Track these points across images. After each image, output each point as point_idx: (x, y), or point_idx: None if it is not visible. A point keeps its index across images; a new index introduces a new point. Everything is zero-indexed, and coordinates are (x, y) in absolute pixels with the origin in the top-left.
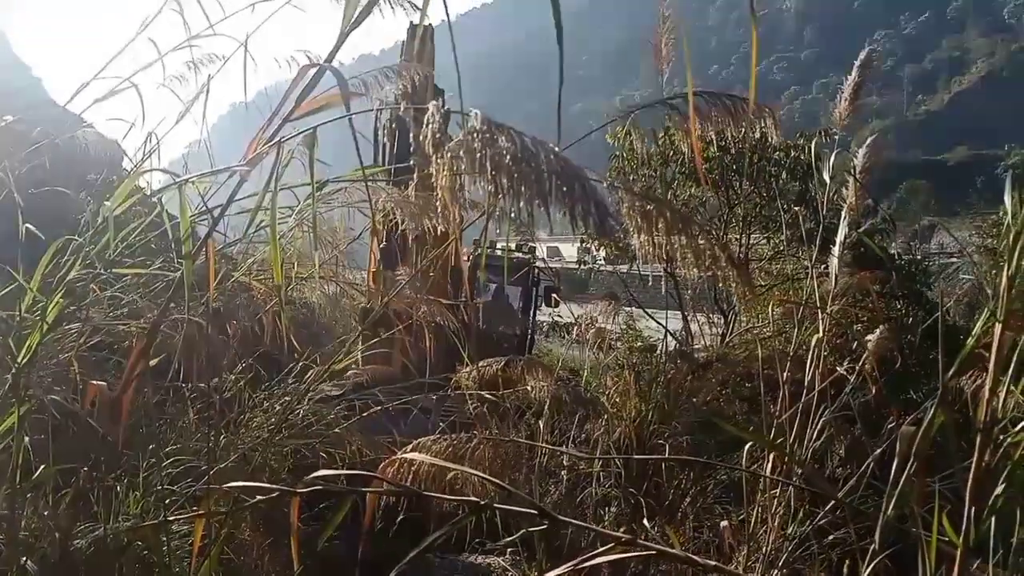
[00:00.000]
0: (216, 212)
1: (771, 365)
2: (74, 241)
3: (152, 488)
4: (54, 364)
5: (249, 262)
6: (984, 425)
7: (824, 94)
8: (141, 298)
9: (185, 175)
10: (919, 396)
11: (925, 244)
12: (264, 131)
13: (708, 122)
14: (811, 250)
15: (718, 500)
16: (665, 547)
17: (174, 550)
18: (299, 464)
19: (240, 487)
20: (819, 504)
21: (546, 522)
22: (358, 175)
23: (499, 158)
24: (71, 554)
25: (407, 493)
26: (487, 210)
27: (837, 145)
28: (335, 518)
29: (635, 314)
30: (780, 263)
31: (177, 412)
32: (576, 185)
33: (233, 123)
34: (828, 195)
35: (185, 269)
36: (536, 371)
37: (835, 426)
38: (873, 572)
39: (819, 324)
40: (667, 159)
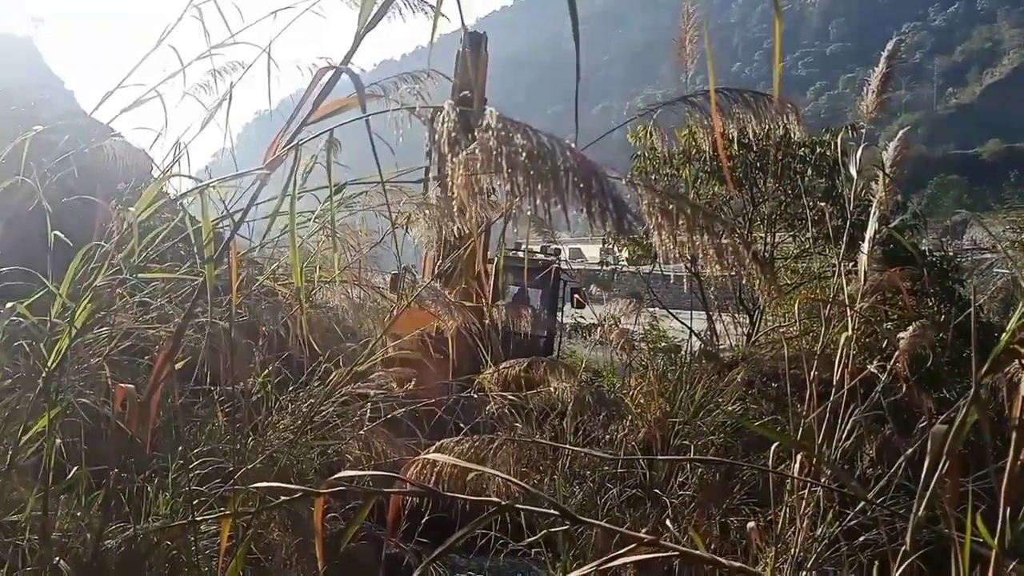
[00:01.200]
0: (237, 217)
1: (798, 364)
2: (101, 247)
3: (181, 489)
4: (85, 369)
5: (274, 267)
6: (1020, 422)
7: (850, 89)
8: (169, 303)
9: (208, 180)
10: (952, 395)
11: (957, 240)
12: (283, 135)
13: (730, 119)
14: (839, 247)
15: (745, 502)
16: (688, 548)
17: (202, 550)
18: (325, 465)
19: (266, 487)
20: (849, 505)
21: (567, 523)
22: (376, 178)
23: (515, 156)
24: (102, 554)
25: (429, 494)
26: (505, 211)
27: (864, 140)
28: (358, 517)
29: (658, 314)
30: (806, 261)
31: (206, 415)
32: (593, 182)
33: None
34: (856, 191)
35: (207, 273)
36: (559, 372)
37: (865, 426)
38: (904, 574)
39: (848, 322)
40: (690, 157)
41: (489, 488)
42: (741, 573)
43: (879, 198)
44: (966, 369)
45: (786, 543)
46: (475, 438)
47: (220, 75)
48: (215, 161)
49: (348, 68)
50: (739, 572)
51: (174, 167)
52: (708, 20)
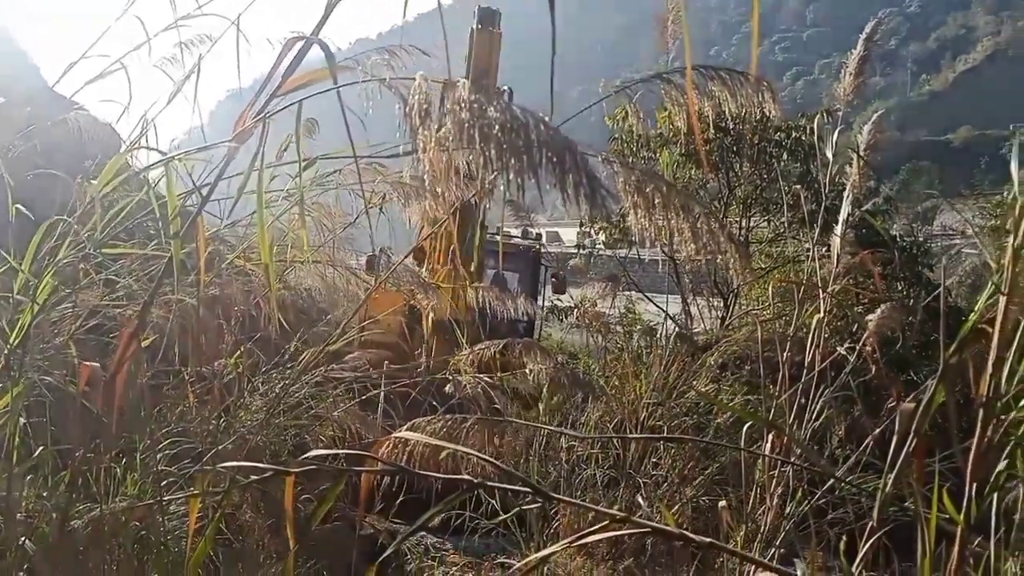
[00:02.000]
0: (205, 192)
1: (771, 347)
2: (64, 222)
3: (149, 469)
4: (50, 347)
5: (244, 245)
6: (986, 400)
7: (826, 75)
8: (136, 281)
9: (173, 153)
10: (919, 377)
11: (927, 225)
12: (251, 107)
13: (706, 97)
14: (813, 230)
15: (717, 481)
16: (659, 524)
17: (171, 530)
18: (297, 446)
19: (235, 467)
20: (818, 484)
21: (540, 500)
22: (349, 153)
23: (487, 129)
24: (69, 534)
25: (401, 472)
26: (480, 190)
27: (839, 124)
28: (329, 496)
29: (634, 298)
30: (781, 245)
31: (176, 395)
32: (567, 156)
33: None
34: (830, 174)
35: (174, 249)
36: (534, 354)
37: (834, 407)
38: (871, 550)
39: (820, 305)
40: (667, 141)
41: (463, 468)
42: (711, 548)
43: (853, 182)
44: (934, 352)
45: (756, 521)
46: (448, 418)
47: (188, 48)
48: (186, 138)
49: (319, 39)
50: (708, 547)
51: (141, 140)
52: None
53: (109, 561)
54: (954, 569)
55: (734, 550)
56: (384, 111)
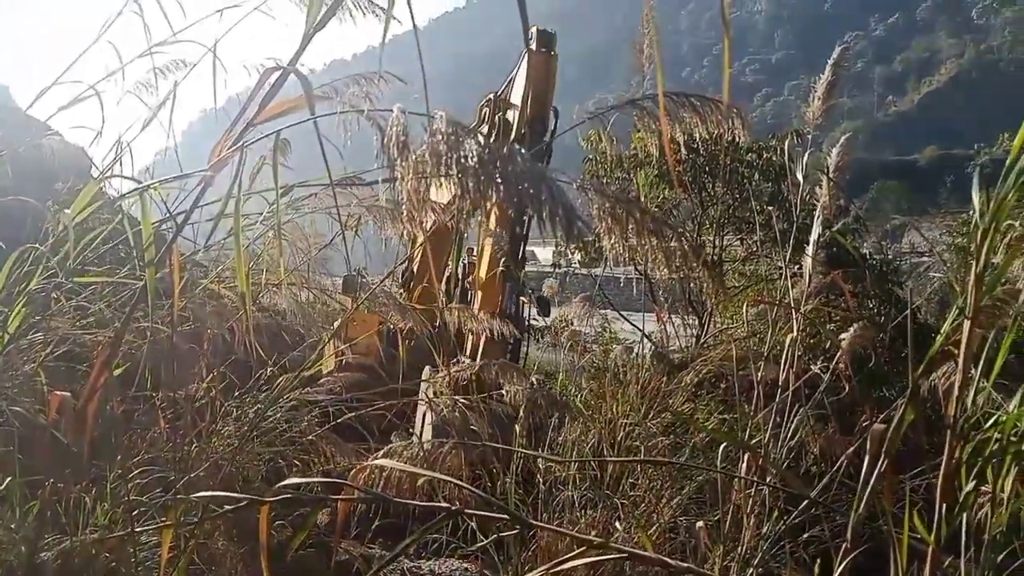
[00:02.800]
0: (180, 219)
1: (745, 366)
2: (35, 250)
3: (120, 499)
4: (19, 376)
5: (218, 269)
6: (954, 421)
7: (795, 96)
8: (108, 307)
9: (149, 181)
10: (891, 394)
11: (896, 244)
12: (228, 135)
13: (677, 123)
14: (784, 250)
15: (693, 501)
16: (637, 550)
17: (143, 561)
18: (272, 472)
19: (209, 496)
20: (794, 503)
21: (518, 527)
22: (325, 180)
23: (464, 160)
24: (38, 566)
25: (377, 500)
26: (455, 215)
27: (809, 146)
28: (306, 524)
29: (610, 316)
30: (754, 264)
31: (147, 422)
32: (543, 188)
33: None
34: (801, 195)
35: (148, 276)
36: (511, 375)
37: (809, 425)
38: (845, 570)
39: (793, 324)
40: (640, 162)
41: (440, 492)
42: (689, 573)
43: (823, 202)
44: (905, 368)
45: (733, 541)
46: (425, 442)
47: (163, 73)
48: (158, 160)
49: (296, 68)
50: (687, 572)
51: (115, 167)
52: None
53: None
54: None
55: (706, 573)
56: (360, 134)
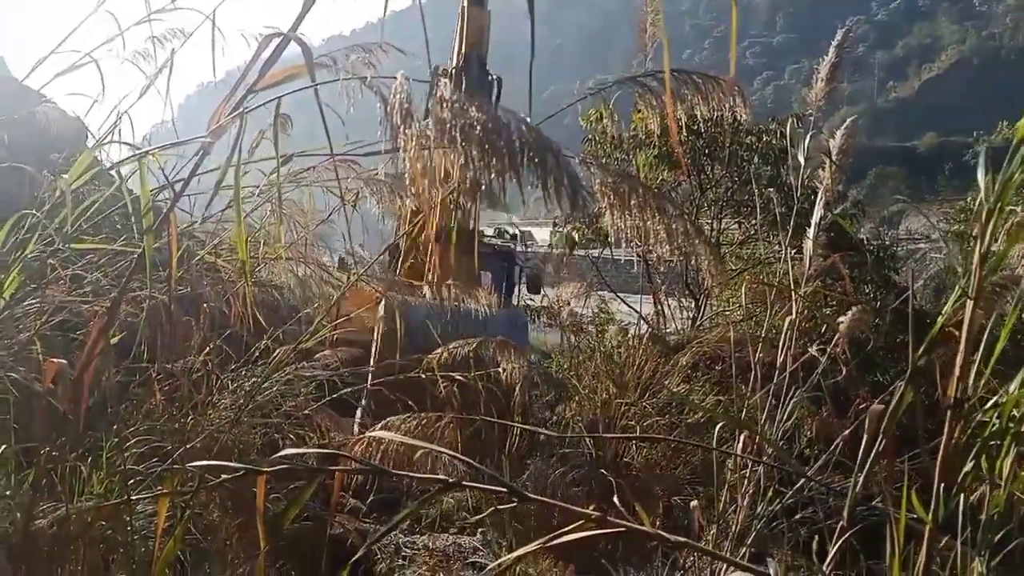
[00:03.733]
0: (178, 187)
1: (741, 348)
2: (31, 216)
3: (116, 468)
4: (14, 344)
5: (216, 242)
6: (954, 402)
7: (796, 79)
8: (104, 277)
9: (147, 148)
10: (886, 379)
11: (893, 230)
12: (227, 102)
13: (680, 101)
14: (784, 233)
15: (688, 481)
16: (635, 524)
17: (139, 530)
18: (268, 444)
19: (205, 466)
20: (788, 484)
21: (515, 500)
22: (325, 150)
23: (469, 129)
24: (33, 533)
25: (374, 472)
26: (458, 187)
27: (811, 129)
28: (301, 496)
29: (607, 298)
30: (751, 247)
31: (143, 393)
32: (549, 157)
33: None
34: (802, 178)
35: (146, 244)
36: (508, 353)
37: (805, 407)
38: (841, 549)
39: (791, 306)
40: (640, 143)
41: (437, 467)
42: (685, 547)
43: (825, 185)
44: (900, 354)
45: (727, 521)
46: (422, 416)
47: (160, 42)
48: (154, 132)
49: (297, 35)
50: (683, 547)
51: (112, 135)
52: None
53: (75, 561)
54: (922, 568)
55: (709, 550)
56: (360, 106)
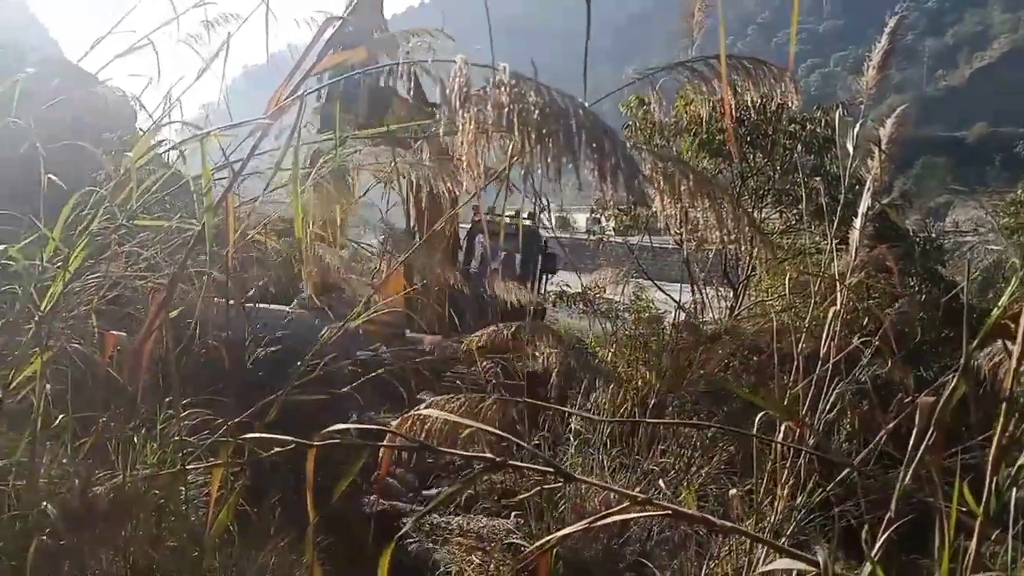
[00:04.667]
0: (236, 167)
1: (781, 338)
2: (96, 193)
3: (169, 439)
4: (72, 317)
5: (264, 221)
6: (1010, 395)
7: (842, 67)
8: (158, 254)
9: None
10: (929, 374)
11: (939, 222)
12: (286, 85)
13: (730, 87)
14: (830, 223)
15: (723, 472)
16: (680, 508)
17: (191, 499)
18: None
19: (256, 439)
20: (827, 477)
21: (560, 480)
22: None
23: (527, 113)
24: (90, 500)
25: (420, 449)
26: (507, 169)
27: (860, 117)
28: (351, 469)
29: (644, 285)
30: (792, 237)
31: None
32: (605, 141)
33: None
34: (850, 167)
35: (207, 221)
36: (546, 337)
37: (847, 400)
38: (885, 542)
39: (836, 297)
40: (680, 129)
41: (478, 447)
42: (733, 532)
43: (874, 175)
44: (945, 348)
45: (762, 512)
46: (465, 396)
47: (212, 26)
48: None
49: (355, 19)
50: (731, 531)
51: (168, 115)
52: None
53: (129, 528)
54: (972, 562)
55: (757, 536)
56: None
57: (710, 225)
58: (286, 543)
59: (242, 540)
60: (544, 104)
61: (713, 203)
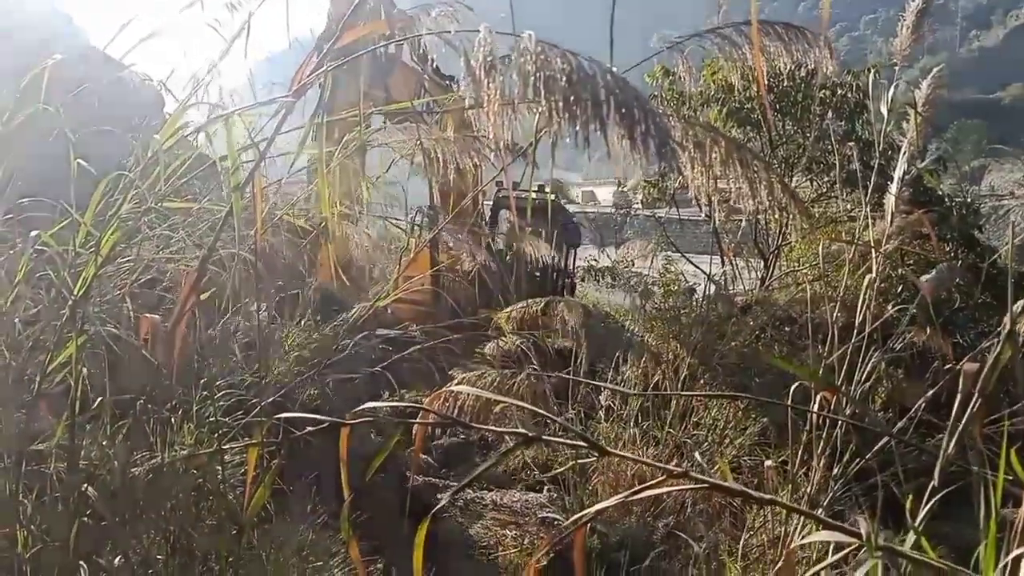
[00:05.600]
0: (262, 147)
1: (814, 308)
2: (125, 177)
3: (205, 420)
4: (106, 301)
5: (292, 202)
6: None
7: (872, 30)
8: (188, 237)
9: (232, 109)
10: (966, 340)
11: (975, 186)
12: (308, 63)
13: (761, 53)
14: (864, 190)
15: (757, 443)
16: (719, 481)
17: (228, 479)
18: (349, 398)
19: (290, 418)
20: (864, 447)
21: (595, 454)
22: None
23: (553, 81)
24: (130, 481)
25: (455, 424)
26: (534, 144)
27: (895, 80)
28: (387, 446)
29: (673, 258)
30: (823, 206)
31: (224, 348)
32: (635, 107)
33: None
34: (884, 131)
35: (234, 202)
36: (575, 312)
37: (883, 369)
38: (917, 509)
39: (871, 265)
40: (708, 99)
41: (510, 422)
42: (771, 503)
43: (910, 138)
44: (983, 314)
45: (797, 483)
46: (496, 372)
47: (235, 8)
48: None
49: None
50: (769, 503)
51: (192, 99)
52: None
53: (169, 508)
54: (1020, 532)
55: (797, 507)
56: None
57: (743, 194)
58: (323, 520)
59: (280, 517)
60: (571, 71)
61: (746, 170)
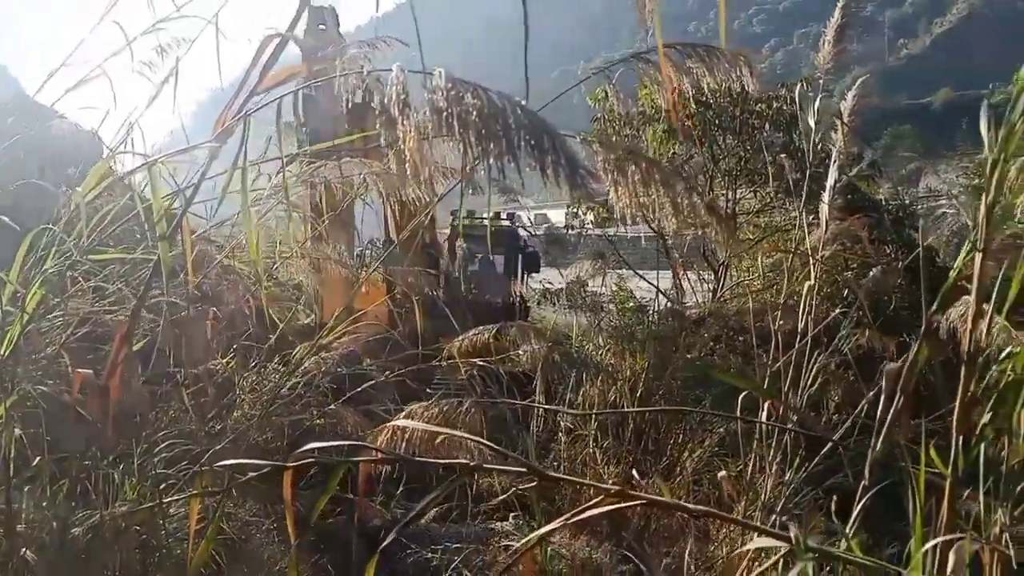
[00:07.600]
0: (189, 193)
1: (763, 317)
2: (49, 231)
3: (147, 473)
4: (42, 357)
5: (232, 244)
6: (968, 355)
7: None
8: (125, 286)
9: (156, 156)
10: (912, 339)
11: (912, 188)
12: (231, 106)
13: (684, 74)
14: (799, 199)
15: (715, 454)
16: (654, 496)
17: (172, 532)
18: (293, 440)
19: (233, 465)
20: (815, 451)
21: (535, 479)
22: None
23: (466, 115)
24: (70, 541)
25: (397, 460)
26: (464, 175)
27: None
28: (329, 486)
29: (625, 275)
30: (768, 215)
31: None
32: (545, 139)
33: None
34: (813, 142)
35: (161, 251)
36: (529, 336)
37: (830, 372)
38: (867, 512)
39: (810, 271)
40: (649, 119)
41: (460, 454)
42: (707, 516)
43: (839, 147)
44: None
45: (756, 491)
46: (443, 403)
47: (166, 51)
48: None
49: (294, 35)
50: (705, 515)
51: (123, 145)
52: None
53: (112, 567)
54: (945, 521)
55: (729, 516)
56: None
57: (667, 214)
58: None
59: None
60: (482, 105)
61: (668, 191)
